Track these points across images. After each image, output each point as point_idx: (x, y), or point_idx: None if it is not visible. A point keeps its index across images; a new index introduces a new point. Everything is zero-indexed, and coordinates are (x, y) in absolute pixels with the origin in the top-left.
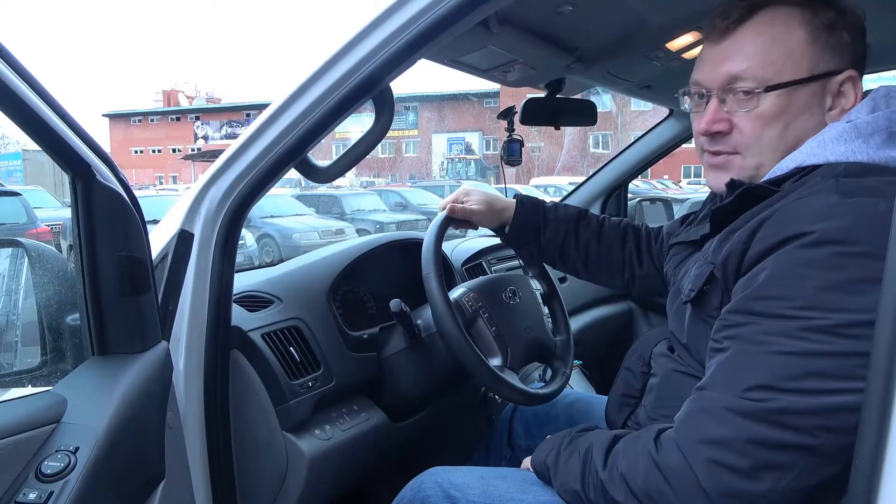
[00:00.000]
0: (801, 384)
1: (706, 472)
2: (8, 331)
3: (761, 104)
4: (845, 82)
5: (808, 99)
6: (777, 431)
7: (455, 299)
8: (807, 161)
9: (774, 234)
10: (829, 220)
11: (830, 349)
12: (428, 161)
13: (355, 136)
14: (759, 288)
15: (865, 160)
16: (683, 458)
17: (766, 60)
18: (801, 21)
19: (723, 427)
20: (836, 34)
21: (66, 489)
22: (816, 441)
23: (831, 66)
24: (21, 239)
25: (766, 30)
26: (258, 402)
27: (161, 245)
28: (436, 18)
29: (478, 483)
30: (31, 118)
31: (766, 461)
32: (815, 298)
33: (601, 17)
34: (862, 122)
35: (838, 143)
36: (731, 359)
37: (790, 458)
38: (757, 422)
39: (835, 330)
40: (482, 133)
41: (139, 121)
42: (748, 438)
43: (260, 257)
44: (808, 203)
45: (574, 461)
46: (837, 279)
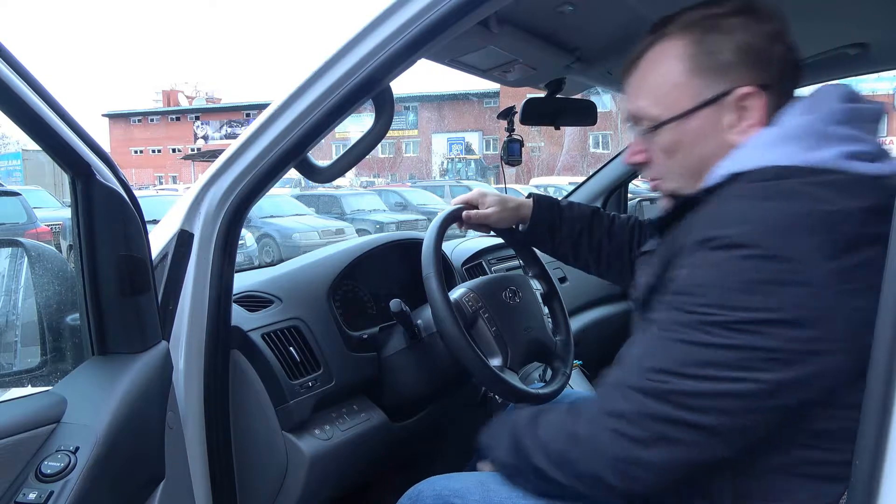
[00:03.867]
0: (697, 371)
1: (609, 440)
2: (8, 331)
3: (660, 138)
4: (746, 98)
5: (701, 125)
6: (671, 409)
7: (455, 299)
8: (736, 168)
9: (693, 237)
10: (741, 225)
11: (728, 342)
12: (428, 161)
13: (355, 136)
14: (676, 285)
15: (794, 163)
16: (591, 427)
17: (655, 99)
18: (680, 53)
19: (626, 402)
20: (717, 57)
21: (66, 489)
22: (706, 420)
23: (718, 90)
24: (21, 239)
25: (653, 68)
26: (258, 402)
27: (161, 245)
28: (436, 18)
29: (478, 489)
30: (31, 118)
31: (661, 434)
32: (721, 297)
33: (601, 17)
34: (792, 126)
35: (767, 148)
36: (643, 341)
37: (682, 434)
38: (655, 399)
39: (735, 326)
40: (482, 133)
41: (139, 121)
42: (646, 413)
43: (260, 257)
44: (724, 208)
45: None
46: (742, 280)
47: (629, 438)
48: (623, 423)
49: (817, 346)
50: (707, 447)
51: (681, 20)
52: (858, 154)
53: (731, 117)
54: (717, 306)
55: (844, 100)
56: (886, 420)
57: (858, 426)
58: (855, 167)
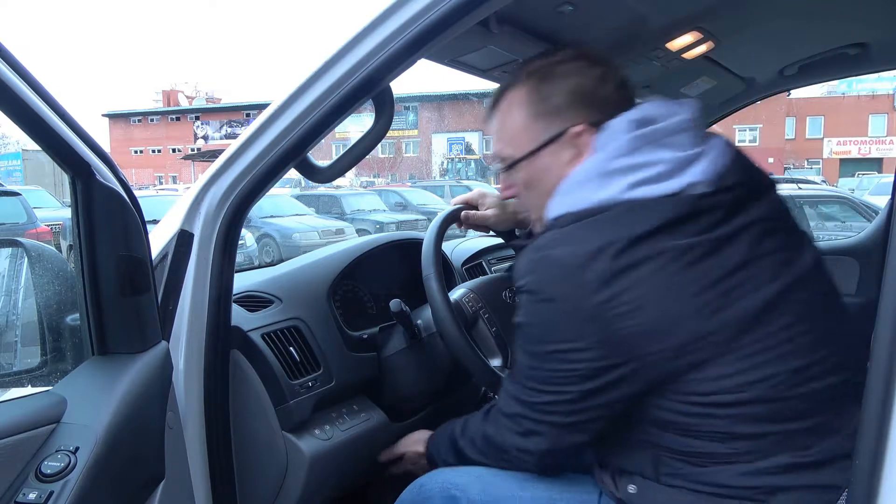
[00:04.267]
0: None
1: (503, 434)
2: (8, 331)
3: (517, 175)
4: (577, 136)
5: (547, 161)
6: (530, 412)
7: (455, 300)
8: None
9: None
10: (527, 276)
11: (542, 366)
12: (428, 161)
13: (355, 136)
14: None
15: (582, 207)
16: (495, 427)
17: (506, 144)
18: (521, 101)
19: (508, 405)
20: (549, 102)
21: (66, 489)
22: (552, 418)
23: (556, 131)
24: (21, 239)
25: (504, 115)
26: (258, 402)
27: (161, 245)
28: (436, 18)
29: (477, 482)
30: (31, 118)
31: (530, 429)
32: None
33: (601, 17)
34: (578, 172)
35: (564, 196)
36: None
37: (542, 428)
38: (521, 404)
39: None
40: (482, 133)
41: (139, 121)
42: (518, 414)
43: (260, 257)
44: (523, 259)
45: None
46: (539, 320)
47: (512, 432)
48: (508, 422)
49: (605, 363)
50: (561, 436)
51: (525, 70)
52: (642, 181)
53: (569, 153)
54: (532, 341)
55: (633, 128)
56: (886, 420)
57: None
58: (640, 194)
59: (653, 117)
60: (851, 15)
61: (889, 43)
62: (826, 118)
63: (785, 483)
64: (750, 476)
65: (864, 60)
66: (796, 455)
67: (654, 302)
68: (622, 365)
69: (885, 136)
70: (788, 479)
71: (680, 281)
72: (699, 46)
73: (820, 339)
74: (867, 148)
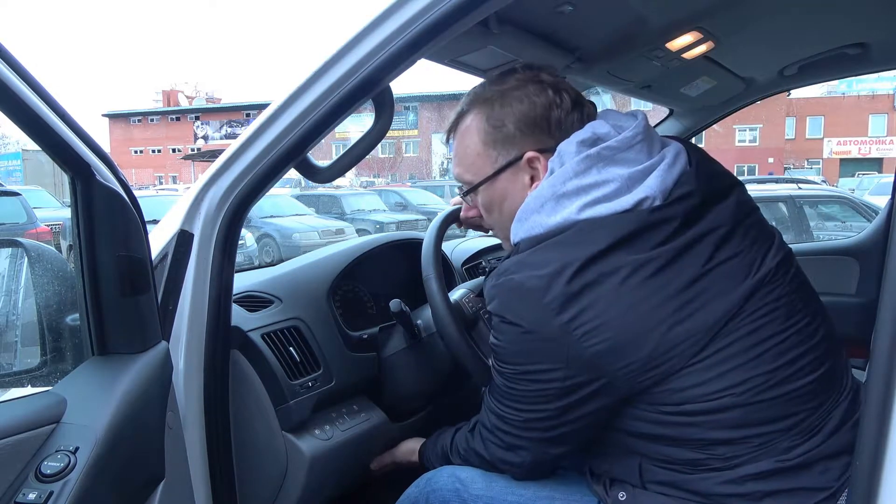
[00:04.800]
0: (510, 403)
1: (489, 448)
2: (8, 331)
3: (478, 199)
4: (532, 161)
5: (505, 186)
6: (510, 427)
7: (455, 300)
8: (514, 240)
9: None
10: (492, 301)
11: (516, 387)
12: (428, 161)
13: (355, 136)
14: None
15: (537, 232)
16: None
17: (465, 168)
18: (476, 128)
19: (489, 420)
20: (503, 130)
21: (65, 489)
22: (530, 434)
23: (511, 157)
24: (21, 239)
25: (459, 143)
26: (258, 402)
27: (161, 245)
28: (436, 18)
29: (480, 478)
30: (31, 118)
31: (512, 444)
32: (500, 355)
33: (601, 17)
34: (531, 198)
35: (521, 222)
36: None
37: (521, 443)
38: (500, 420)
39: (514, 377)
40: None
41: (139, 121)
42: (499, 429)
43: (260, 257)
44: (488, 284)
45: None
46: (508, 342)
47: (497, 446)
48: (491, 436)
49: (575, 381)
50: (544, 450)
51: (479, 96)
52: (594, 201)
53: (526, 177)
54: (504, 363)
55: (581, 149)
56: (886, 420)
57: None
58: (593, 213)
59: (602, 135)
60: (851, 15)
61: (889, 43)
62: (826, 118)
63: (771, 488)
64: (735, 483)
65: (864, 60)
66: (779, 459)
67: (617, 318)
68: (593, 381)
69: (885, 136)
70: (774, 483)
71: (640, 295)
72: (699, 46)
73: (793, 339)
74: (867, 148)
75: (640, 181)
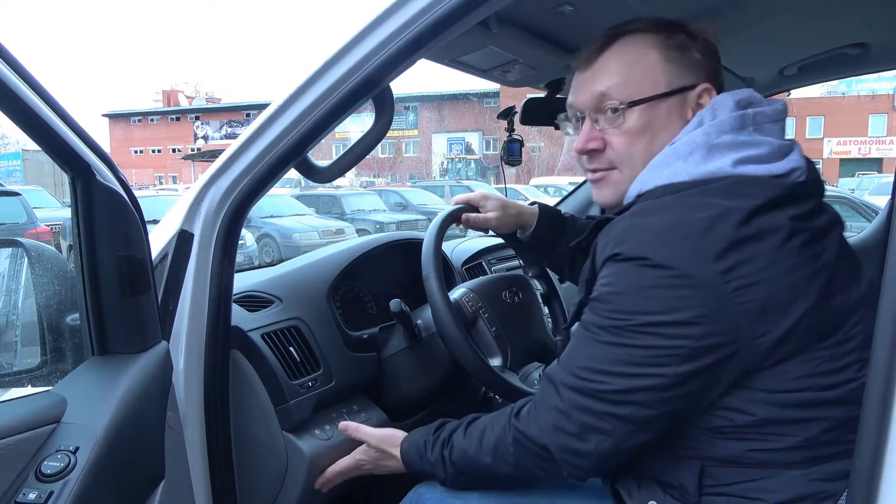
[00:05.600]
0: (612, 368)
1: (550, 434)
2: (8, 331)
3: (627, 120)
4: (703, 94)
5: (668, 112)
6: (596, 404)
7: (455, 300)
8: (643, 188)
9: (601, 253)
10: (630, 241)
11: (634, 343)
12: (428, 161)
13: (355, 136)
14: (595, 293)
15: (685, 179)
16: (533, 426)
17: (627, 80)
18: (654, 44)
19: (559, 398)
20: (688, 54)
21: (65, 489)
22: (624, 411)
23: (686, 82)
24: (21, 239)
25: (625, 54)
26: (258, 402)
27: (161, 245)
28: (436, 18)
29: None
30: (31, 118)
31: (591, 426)
32: (624, 304)
33: (601, 17)
34: (680, 144)
35: (661, 168)
36: (574, 341)
37: (607, 425)
38: (582, 395)
39: (637, 329)
40: (482, 133)
41: (139, 121)
42: (577, 407)
43: (260, 257)
44: (617, 227)
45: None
46: (639, 287)
47: (565, 432)
48: (559, 418)
49: (710, 342)
50: (629, 435)
51: (648, 20)
52: (748, 158)
53: (689, 111)
54: (622, 312)
55: (737, 108)
56: (886, 420)
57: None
58: (745, 171)
59: (756, 100)
60: (851, 15)
61: (889, 43)
62: (826, 118)
63: (831, 490)
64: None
65: (864, 60)
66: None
67: (772, 279)
68: (727, 345)
69: (885, 136)
70: (836, 485)
71: (795, 261)
72: None
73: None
74: (867, 148)
75: (786, 153)
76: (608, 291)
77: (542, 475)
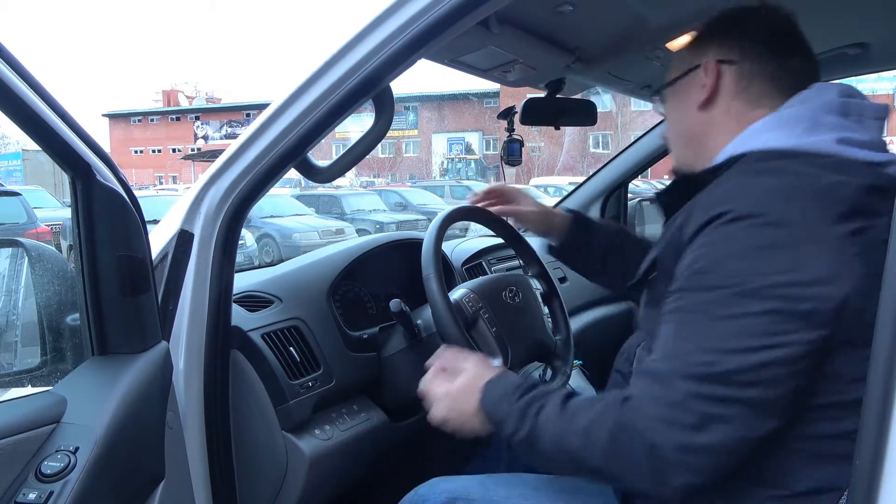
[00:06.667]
0: (737, 344)
1: (660, 430)
2: (8, 331)
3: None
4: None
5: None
6: (719, 388)
7: (455, 300)
8: (737, 150)
9: (699, 217)
10: (742, 199)
11: (758, 309)
12: (428, 161)
13: (355, 136)
14: (691, 265)
15: (785, 146)
16: (639, 420)
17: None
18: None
19: (670, 390)
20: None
21: (65, 489)
22: (753, 393)
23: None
24: (21, 239)
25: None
26: (258, 402)
27: (161, 245)
28: (436, 18)
29: (478, 490)
30: (31, 118)
31: (712, 415)
32: (734, 267)
33: (601, 17)
34: (787, 113)
35: (762, 132)
36: (674, 330)
37: (733, 411)
38: (701, 382)
39: (759, 292)
40: (482, 133)
41: (139, 121)
42: (694, 396)
43: (260, 257)
44: (723, 187)
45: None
46: (755, 247)
47: (680, 426)
48: (672, 411)
49: (836, 304)
50: (758, 421)
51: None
52: (850, 140)
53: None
54: (737, 276)
55: (842, 95)
56: (886, 420)
57: (860, 425)
58: (846, 151)
59: (859, 94)
60: (851, 15)
61: (889, 43)
62: None
63: None
64: None
65: (864, 60)
66: None
67: (874, 255)
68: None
69: (885, 137)
70: None
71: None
72: None
73: None
74: None
75: (884, 147)
76: (716, 258)
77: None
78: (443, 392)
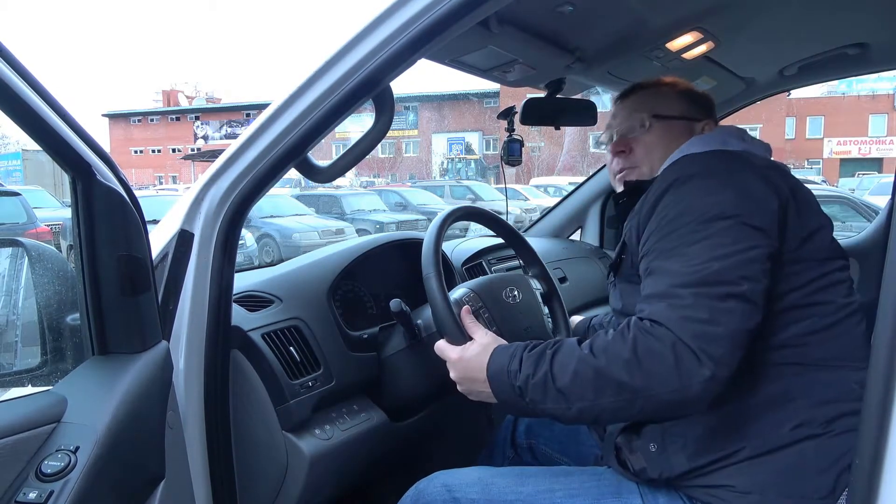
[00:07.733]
0: (711, 254)
1: (681, 326)
2: (8, 331)
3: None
4: (704, 127)
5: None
6: (714, 288)
7: (455, 299)
8: (669, 161)
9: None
10: (683, 169)
11: (717, 228)
12: (428, 161)
13: (355, 136)
14: (658, 222)
15: (703, 150)
16: (660, 324)
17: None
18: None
19: (678, 298)
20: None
21: (66, 489)
22: (743, 288)
23: (693, 115)
24: (21, 239)
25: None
26: (258, 402)
27: (161, 245)
28: (436, 18)
29: (477, 483)
30: (31, 118)
31: (719, 309)
32: (694, 205)
33: (601, 17)
34: (705, 136)
35: (691, 146)
36: (658, 265)
37: (732, 305)
38: (698, 286)
39: (714, 217)
40: (482, 133)
41: (139, 121)
42: (699, 296)
43: (260, 257)
44: (663, 174)
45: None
46: (701, 191)
47: (696, 320)
48: (687, 311)
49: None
50: (753, 313)
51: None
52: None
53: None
54: (698, 209)
55: (738, 131)
56: (886, 420)
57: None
58: (750, 150)
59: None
60: (851, 15)
61: (889, 43)
62: (826, 118)
63: None
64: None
65: (864, 60)
66: None
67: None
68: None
69: (885, 136)
70: None
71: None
72: (699, 46)
73: None
74: (867, 148)
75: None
76: (676, 207)
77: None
78: (456, 357)
